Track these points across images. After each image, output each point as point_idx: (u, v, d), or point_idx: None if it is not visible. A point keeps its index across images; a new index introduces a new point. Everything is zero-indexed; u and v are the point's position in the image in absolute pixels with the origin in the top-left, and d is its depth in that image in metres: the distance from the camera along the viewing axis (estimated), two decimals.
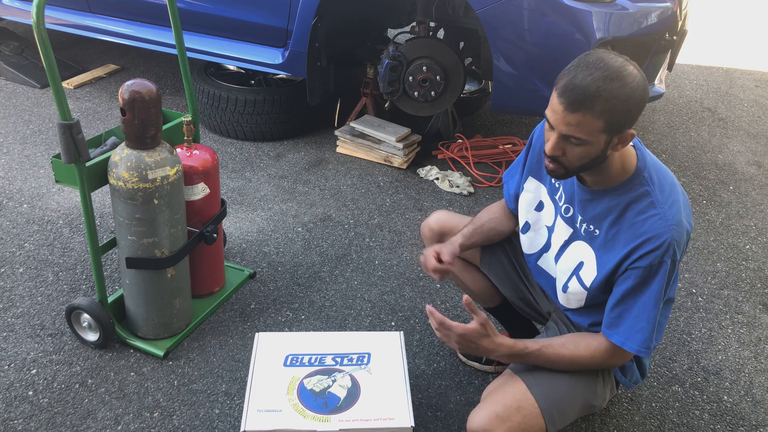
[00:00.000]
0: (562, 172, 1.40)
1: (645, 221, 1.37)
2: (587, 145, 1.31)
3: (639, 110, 1.29)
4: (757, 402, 2.03)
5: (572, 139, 1.30)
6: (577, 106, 1.26)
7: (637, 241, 1.38)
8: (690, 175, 3.40)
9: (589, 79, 1.25)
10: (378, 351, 1.87)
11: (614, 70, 1.25)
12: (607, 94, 1.24)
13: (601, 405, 1.57)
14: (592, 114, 1.26)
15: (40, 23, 1.59)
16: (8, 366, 1.99)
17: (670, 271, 1.38)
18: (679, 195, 1.42)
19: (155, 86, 1.79)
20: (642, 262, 1.37)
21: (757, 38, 5.91)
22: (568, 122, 1.28)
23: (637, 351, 1.41)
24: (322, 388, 1.74)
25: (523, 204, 1.68)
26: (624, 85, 1.25)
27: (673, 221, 1.36)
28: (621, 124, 1.28)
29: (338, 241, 2.68)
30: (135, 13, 3.51)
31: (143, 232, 1.87)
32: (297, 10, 3.00)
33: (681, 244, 1.38)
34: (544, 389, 1.48)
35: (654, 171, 1.42)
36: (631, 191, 1.40)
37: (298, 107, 3.41)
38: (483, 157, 3.36)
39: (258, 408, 1.66)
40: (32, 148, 3.26)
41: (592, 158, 1.34)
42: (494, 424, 1.42)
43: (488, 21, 2.78)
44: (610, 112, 1.25)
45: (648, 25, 2.84)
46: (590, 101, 1.25)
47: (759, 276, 2.63)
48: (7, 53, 4.18)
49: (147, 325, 2.04)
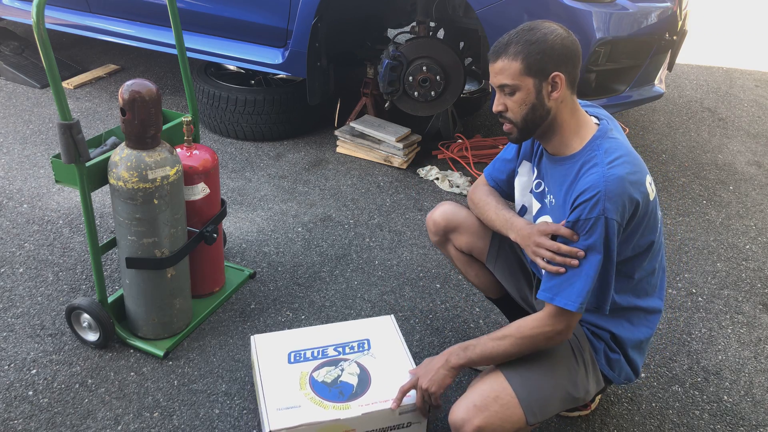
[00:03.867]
0: (516, 132, 1.51)
1: (583, 179, 1.42)
2: (519, 91, 1.44)
3: (560, 54, 1.41)
4: (757, 402, 2.03)
5: (505, 88, 1.45)
6: (496, 55, 1.45)
7: (573, 196, 1.42)
8: (690, 175, 3.40)
9: (507, 36, 1.45)
10: (375, 335, 1.92)
11: (531, 24, 1.44)
12: (518, 39, 1.42)
13: (584, 398, 1.57)
14: (508, 57, 1.42)
15: (40, 23, 1.59)
16: (8, 366, 1.99)
17: (607, 229, 1.37)
18: (626, 162, 1.40)
19: (155, 86, 1.79)
20: (573, 215, 1.40)
21: (757, 38, 5.91)
22: (494, 72, 1.46)
23: (565, 304, 1.41)
24: (334, 378, 1.77)
25: (518, 187, 1.70)
26: (535, 32, 1.41)
27: (609, 177, 1.37)
28: (541, 66, 1.41)
29: (338, 241, 2.68)
30: (135, 13, 3.51)
31: (143, 232, 1.87)
32: (297, 10, 3.00)
33: (616, 200, 1.36)
34: (521, 379, 1.49)
35: (609, 141, 1.45)
36: (584, 157, 1.46)
37: (298, 107, 3.41)
38: (483, 157, 3.36)
39: (277, 407, 1.67)
40: (32, 148, 3.26)
41: (530, 106, 1.45)
42: (471, 413, 1.44)
43: (488, 21, 2.78)
44: (524, 54, 1.41)
45: (648, 25, 2.84)
46: (504, 47, 1.44)
47: (759, 276, 2.63)
48: (7, 53, 4.18)
49: (147, 325, 2.04)
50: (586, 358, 1.57)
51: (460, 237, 1.84)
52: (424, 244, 2.68)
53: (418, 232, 2.76)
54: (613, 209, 1.36)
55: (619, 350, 1.60)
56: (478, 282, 1.93)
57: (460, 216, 1.83)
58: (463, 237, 1.83)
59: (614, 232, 1.38)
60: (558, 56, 1.41)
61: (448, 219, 1.84)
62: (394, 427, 1.72)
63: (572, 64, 1.43)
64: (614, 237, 1.39)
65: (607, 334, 1.59)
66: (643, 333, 1.62)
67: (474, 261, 1.90)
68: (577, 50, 1.44)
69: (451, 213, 1.85)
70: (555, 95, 1.43)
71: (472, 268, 1.91)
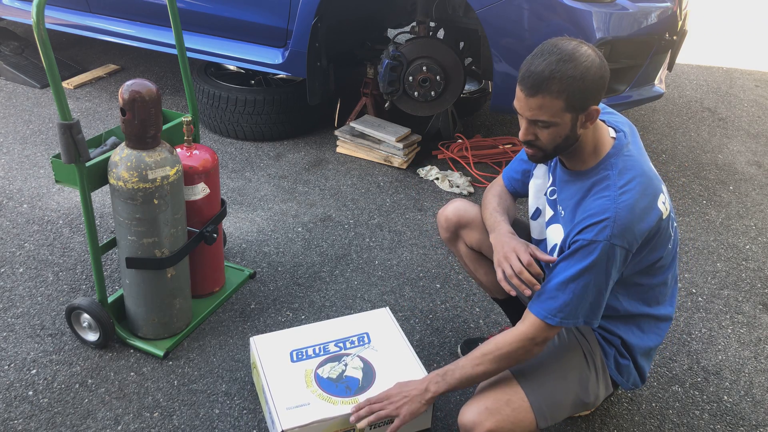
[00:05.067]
0: (540, 155, 1.46)
1: (594, 200, 1.41)
2: (555, 126, 1.37)
3: (598, 87, 1.35)
4: (757, 402, 2.03)
5: (539, 122, 1.38)
6: (536, 90, 1.33)
7: (581, 217, 1.41)
8: (690, 175, 3.40)
9: (543, 64, 1.33)
10: (374, 329, 1.95)
11: (567, 52, 1.33)
12: (561, 75, 1.31)
13: (594, 403, 1.58)
14: (551, 95, 1.33)
15: (40, 23, 1.59)
16: (8, 366, 1.99)
17: (608, 253, 1.36)
18: (638, 186, 1.40)
19: (155, 86, 1.79)
20: (578, 236, 1.40)
21: (757, 38, 5.91)
22: (531, 107, 1.36)
23: (544, 317, 1.41)
24: (339, 374, 1.79)
25: (533, 189, 1.69)
26: (577, 65, 1.32)
27: (620, 204, 1.37)
28: (582, 102, 1.35)
29: (338, 241, 2.68)
30: (135, 13, 3.51)
31: (143, 232, 1.87)
32: (297, 10, 3.00)
33: (625, 230, 1.36)
34: (534, 384, 1.49)
35: (623, 159, 1.43)
36: (597, 175, 1.44)
37: (298, 107, 3.41)
38: (483, 157, 3.36)
39: (286, 406, 1.68)
40: (32, 148, 3.26)
41: (563, 137, 1.40)
42: (483, 416, 1.44)
43: (488, 21, 2.79)
44: (567, 91, 1.32)
45: (648, 25, 2.84)
46: (547, 84, 1.32)
47: (759, 276, 2.63)
48: (7, 53, 4.18)
49: (147, 325, 2.04)
50: (597, 364, 1.57)
51: (471, 233, 1.84)
52: (424, 244, 2.68)
53: (418, 232, 2.76)
54: (620, 236, 1.36)
55: (629, 356, 1.60)
56: (486, 280, 1.93)
57: (471, 212, 1.84)
58: (474, 233, 1.84)
59: (617, 257, 1.38)
60: (597, 89, 1.35)
61: (460, 215, 1.85)
62: None
63: (605, 90, 1.39)
64: (615, 262, 1.38)
65: (618, 340, 1.59)
66: (653, 340, 1.61)
67: (483, 259, 1.90)
68: (609, 74, 1.39)
69: (463, 209, 1.85)
70: (589, 125, 1.40)
71: (482, 266, 1.91)
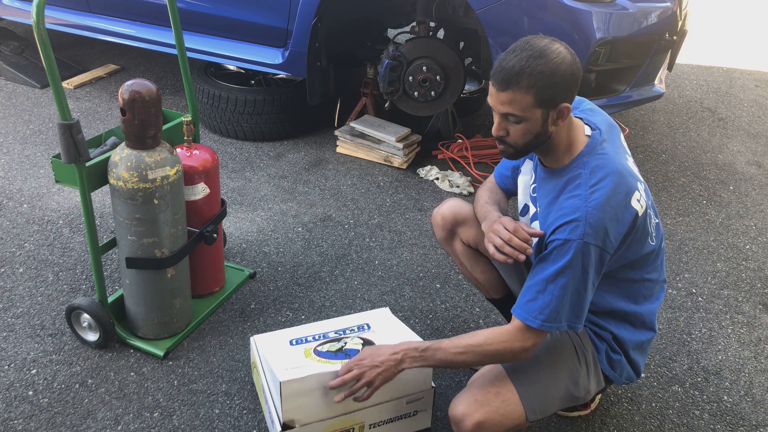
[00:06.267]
0: (511, 151, 1.47)
1: (566, 200, 1.42)
2: (525, 122, 1.39)
3: (569, 83, 1.37)
4: (757, 402, 2.03)
5: (510, 117, 1.40)
6: (506, 85, 1.36)
7: (554, 217, 1.42)
8: (690, 175, 3.40)
9: (515, 60, 1.35)
10: (375, 321, 1.93)
11: (538, 49, 1.35)
12: (531, 71, 1.33)
13: (585, 397, 1.58)
14: (521, 90, 1.35)
15: (40, 23, 1.59)
16: (8, 366, 1.99)
17: (583, 251, 1.36)
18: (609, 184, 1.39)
19: (155, 86, 1.79)
20: (552, 236, 1.41)
21: (757, 38, 5.91)
22: (502, 101, 1.38)
23: (525, 319, 1.41)
24: (338, 348, 1.77)
25: (521, 185, 1.71)
26: (548, 61, 1.34)
27: (591, 203, 1.37)
28: (552, 98, 1.36)
29: (338, 241, 2.68)
30: (135, 13, 3.51)
31: (143, 232, 1.87)
32: (297, 10, 3.00)
33: (596, 228, 1.36)
34: (524, 376, 1.50)
35: (596, 157, 1.44)
36: (569, 173, 1.45)
37: (298, 107, 3.41)
38: (483, 157, 3.36)
39: (285, 367, 1.66)
40: (32, 148, 3.26)
41: (534, 134, 1.41)
42: (473, 408, 1.45)
43: (488, 21, 2.79)
44: (537, 86, 1.34)
45: (648, 25, 2.84)
46: (516, 79, 1.34)
47: (759, 276, 2.63)
48: (7, 53, 4.18)
49: (147, 325, 2.04)
50: (589, 358, 1.58)
51: (467, 230, 1.85)
52: (424, 244, 2.68)
53: (418, 232, 2.77)
54: (593, 234, 1.36)
55: (620, 351, 1.60)
56: (483, 279, 1.93)
57: (466, 210, 1.86)
58: (470, 230, 1.85)
59: (592, 256, 1.37)
60: (567, 86, 1.37)
61: (456, 213, 1.86)
62: (401, 416, 1.74)
63: (577, 88, 1.41)
64: (591, 261, 1.38)
65: (609, 334, 1.60)
66: (645, 335, 1.62)
67: (480, 257, 1.91)
68: (581, 73, 1.41)
69: (458, 207, 1.87)
70: (560, 122, 1.42)
71: (479, 264, 1.92)
